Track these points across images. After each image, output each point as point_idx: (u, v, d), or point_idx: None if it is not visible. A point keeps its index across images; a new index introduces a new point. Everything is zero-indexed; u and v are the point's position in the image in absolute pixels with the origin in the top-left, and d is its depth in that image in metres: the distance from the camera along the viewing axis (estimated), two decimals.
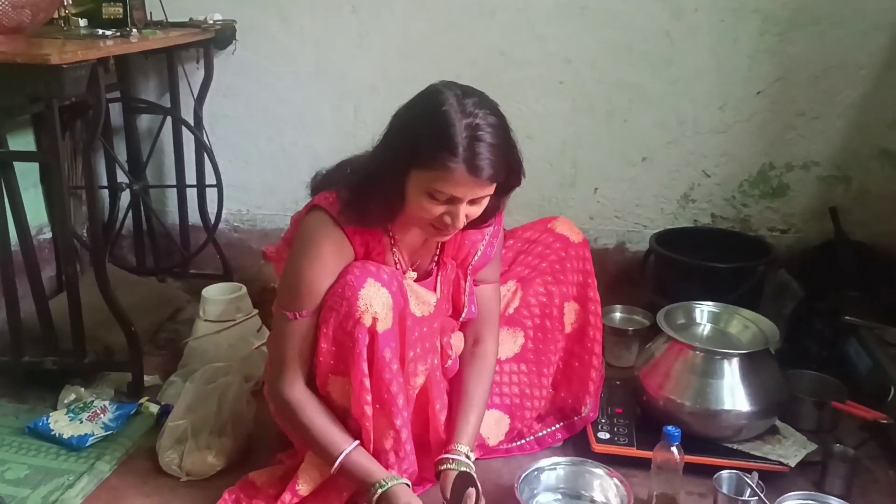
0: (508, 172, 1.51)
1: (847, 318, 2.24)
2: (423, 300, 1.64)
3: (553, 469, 1.80)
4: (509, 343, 1.92)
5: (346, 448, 1.58)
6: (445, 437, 1.72)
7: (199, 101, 2.72)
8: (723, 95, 2.58)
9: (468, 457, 1.67)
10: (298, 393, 1.62)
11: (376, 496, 1.54)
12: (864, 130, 2.55)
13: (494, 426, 1.88)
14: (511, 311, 1.94)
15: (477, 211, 1.53)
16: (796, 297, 2.39)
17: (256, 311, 2.38)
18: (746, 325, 2.00)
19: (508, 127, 1.50)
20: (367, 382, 1.55)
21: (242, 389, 1.96)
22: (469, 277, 1.77)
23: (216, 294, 2.35)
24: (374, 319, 1.51)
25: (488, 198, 1.53)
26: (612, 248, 2.80)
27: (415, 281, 1.67)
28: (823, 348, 2.26)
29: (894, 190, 2.59)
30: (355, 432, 1.62)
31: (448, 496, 1.59)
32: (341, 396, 1.63)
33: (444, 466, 1.65)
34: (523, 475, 1.74)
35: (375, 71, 2.69)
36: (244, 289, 2.37)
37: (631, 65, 2.58)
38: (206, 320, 2.30)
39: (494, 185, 1.50)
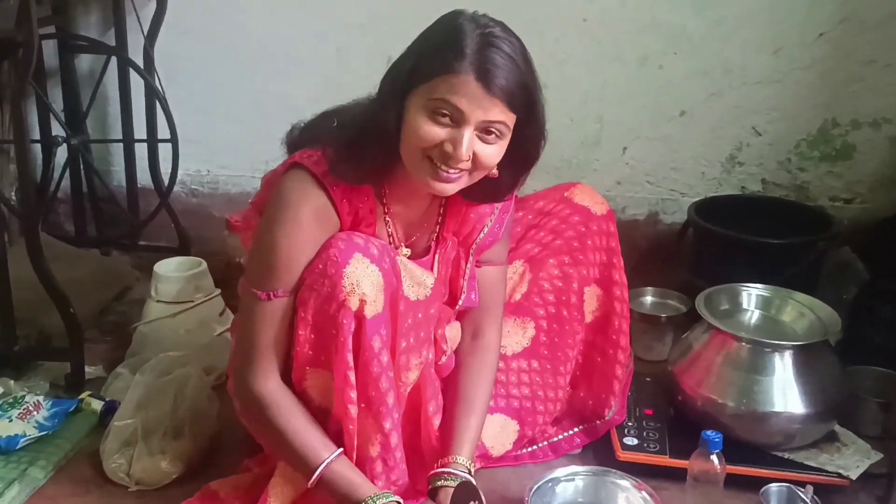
0: (519, 103, 1.47)
1: None
2: (418, 281, 1.64)
3: (570, 480, 1.80)
4: (517, 335, 1.93)
5: (327, 456, 1.57)
6: (440, 447, 1.72)
7: (151, 38, 2.70)
8: (777, 39, 2.57)
9: (468, 471, 1.67)
10: (272, 388, 1.60)
11: None
12: None
13: (500, 433, 1.88)
14: (518, 297, 1.94)
15: (488, 152, 1.49)
16: (860, 280, 2.40)
17: (219, 290, 2.38)
18: (801, 311, 2.01)
19: (534, 67, 1.50)
20: (351, 377, 1.55)
21: (203, 383, 1.96)
22: (472, 258, 1.77)
23: (171, 270, 2.35)
24: (362, 302, 1.51)
25: (503, 137, 1.49)
26: (644, 220, 2.80)
27: (409, 259, 1.67)
28: (891, 339, 2.26)
29: None
30: (336, 437, 1.62)
31: None
32: (320, 394, 1.63)
33: (440, 482, 1.65)
34: (535, 487, 1.74)
35: (362, 5, 2.68)
36: (204, 264, 2.37)
37: (668, 0, 2.57)
38: (158, 301, 2.30)
39: (510, 113, 1.46)
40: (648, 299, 2.55)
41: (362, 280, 1.51)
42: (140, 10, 2.70)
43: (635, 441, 1.92)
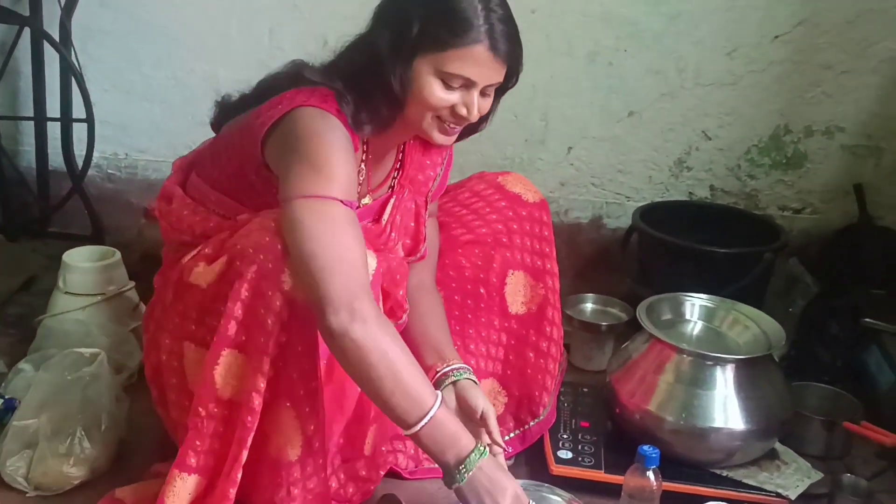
0: (517, 63, 1.65)
1: (868, 320, 2.30)
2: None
3: None
4: None
5: (433, 403, 1.49)
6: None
7: (68, 9, 2.66)
8: (733, 39, 2.62)
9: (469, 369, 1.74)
10: (372, 311, 1.46)
11: (472, 468, 1.50)
12: None
13: None
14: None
15: (486, 105, 1.65)
16: (808, 293, 2.45)
17: (133, 283, 2.35)
18: (746, 324, 2.04)
19: None
20: (266, 364, 1.52)
21: (112, 382, 1.94)
22: (427, 207, 1.85)
23: (82, 260, 2.31)
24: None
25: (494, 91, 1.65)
26: (587, 224, 2.83)
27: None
28: (838, 356, 2.32)
29: None
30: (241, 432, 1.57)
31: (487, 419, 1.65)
32: (231, 382, 1.56)
33: (451, 380, 1.71)
34: None
35: None
36: (118, 255, 2.34)
37: None
38: (67, 293, 2.27)
39: (504, 74, 1.62)
40: (589, 306, 2.56)
41: None
42: None
43: (570, 454, 1.94)
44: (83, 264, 2.30)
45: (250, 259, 1.50)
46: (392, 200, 1.77)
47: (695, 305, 2.11)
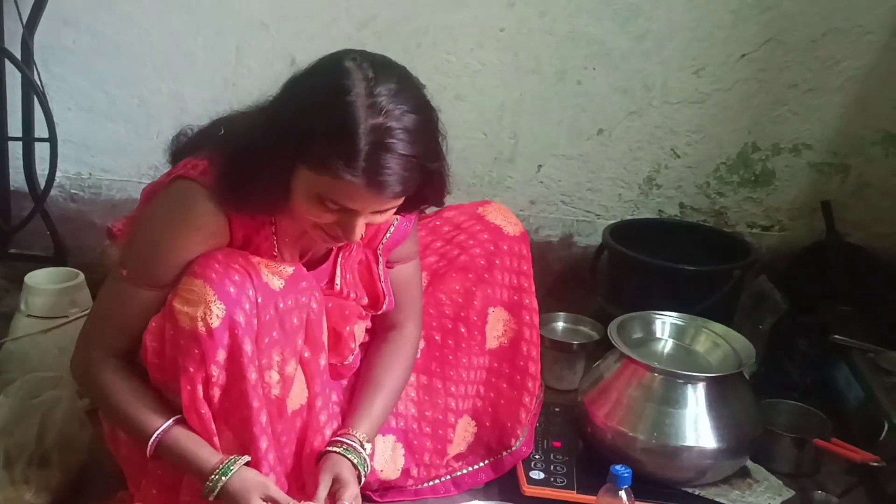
0: (425, 185, 1.51)
1: (837, 337, 2.32)
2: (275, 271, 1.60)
3: None
4: None
5: (160, 425, 1.54)
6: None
7: (30, 27, 2.63)
8: (700, 57, 2.64)
9: (361, 444, 1.68)
10: (103, 362, 1.60)
11: (216, 491, 1.50)
12: (868, 109, 2.65)
13: (390, 457, 1.87)
14: None
15: (381, 219, 1.53)
16: (777, 311, 2.47)
17: None
18: (716, 342, 2.06)
19: (434, 124, 1.50)
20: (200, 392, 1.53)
21: (75, 407, 1.92)
22: (381, 259, 1.78)
23: (44, 282, 2.29)
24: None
25: (396, 207, 1.53)
26: (557, 242, 2.84)
27: (308, 270, 1.66)
28: (807, 374, 2.34)
29: None
30: None
31: (319, 483, 1.59)
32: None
33: (329, 448, 1.66)
34: None
35: (265, 2, 2.65)
36: (81, 276, 2.32)
37: (589, 12, 2.62)
38: (29, 316, 2.25)
39: (403, 198, 1.49)
40: (560, 325, 2.57)
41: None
42: None
43: (542, 475, 1.94)
44: (46, 286, 2.27)
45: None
46: (339, 260, 1.73)
47: (665, 323, 2.13)
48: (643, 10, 2.60)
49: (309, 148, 1.42)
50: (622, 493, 1.70)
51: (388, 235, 1.75)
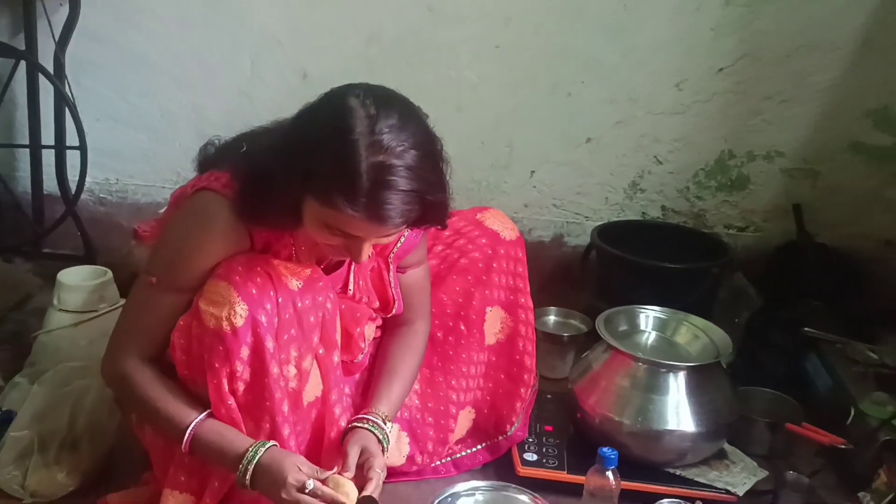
0: (427, 212, 1.49)
1: (807, 330, 2.33)
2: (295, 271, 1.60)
3: (471, 495, 1.82)
4: None
5: (195, 418, 1.55)
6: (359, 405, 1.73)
7: (62, 43, 2.64)
8: (681, 71, 2.65)
9: (384, 422, 1.69)
10: (132, 364, 1.59)
11: (250, 472, 1.50)
12: (837, 119, 2.66)
13: (395, 445, 1.86)
14: None
15: (386, 241, 1.54)
16: (753, 305, 2.48)
17: (124, 301, 2.33)
18: (696, 334, 2.06)
19: (436, 156, 1.49)
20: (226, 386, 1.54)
21: (103, 395, 1.92)
22: (392, 267, 1.78)
23: (75, 279, 2.29)
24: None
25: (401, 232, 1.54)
26: (549, 242, 2.85)
27: (323, 271, 1.66)
28: (780, 363, 2.34)
29: (866, 187, 2.71)
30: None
31: (347, 454, 1.58)
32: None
33: (354, 424, 1.66)
34: (436, 501, 1.76)
35: (279, 19, 2.66)
36: (109, 274, 2.32)
37: (580, 30, 2.63)
38: (61, 310, 2.25)
39: (395, 231, 1.49)
40: (552, 319, 2.57)
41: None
42: (52, 14, 2.64)
43: (535, 457, 1.94)
44: (77, 283, 2.27)
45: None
46: (353, 267, 1.73)
47: (649, 317, 2.13)
48: (630, 28, 2.61)
49: (314, 181, 1.42)
50: (609, 474, 1.72)
51: (399, 245, 1.75)
